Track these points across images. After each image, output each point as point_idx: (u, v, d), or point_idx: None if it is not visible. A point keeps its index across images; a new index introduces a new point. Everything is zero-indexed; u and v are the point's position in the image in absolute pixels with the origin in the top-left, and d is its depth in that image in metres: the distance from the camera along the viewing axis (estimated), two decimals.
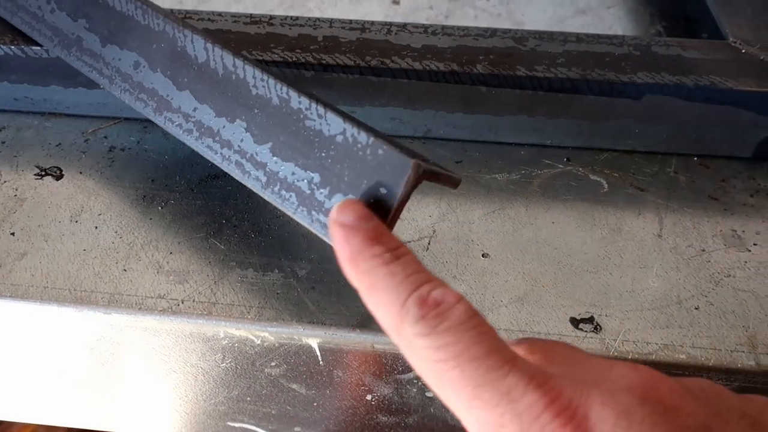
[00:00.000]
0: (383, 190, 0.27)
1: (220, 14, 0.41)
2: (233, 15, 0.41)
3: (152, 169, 0.39)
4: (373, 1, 0.53)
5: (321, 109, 0.29)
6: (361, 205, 0.27)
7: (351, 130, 0.28)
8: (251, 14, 0.41)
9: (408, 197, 0.27)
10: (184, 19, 0.40)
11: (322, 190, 0.29)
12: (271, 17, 0.41)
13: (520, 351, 0.25)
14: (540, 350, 0.26)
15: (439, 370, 0.23)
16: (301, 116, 0.29)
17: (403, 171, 0.27)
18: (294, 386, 0.35)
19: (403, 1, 0.53)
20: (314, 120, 0.29)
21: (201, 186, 0.38)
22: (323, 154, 0.29)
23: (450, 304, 0.24)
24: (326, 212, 0.29)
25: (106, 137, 0.41)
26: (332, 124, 0.29)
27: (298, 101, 0.30)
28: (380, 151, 0.28)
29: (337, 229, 0.26)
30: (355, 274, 0.25)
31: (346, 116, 0.29)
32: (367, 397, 0.35)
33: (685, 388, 0.23)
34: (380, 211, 0.27)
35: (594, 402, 0.22)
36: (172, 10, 0.41)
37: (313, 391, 0.35)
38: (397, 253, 0.25)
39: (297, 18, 0.41)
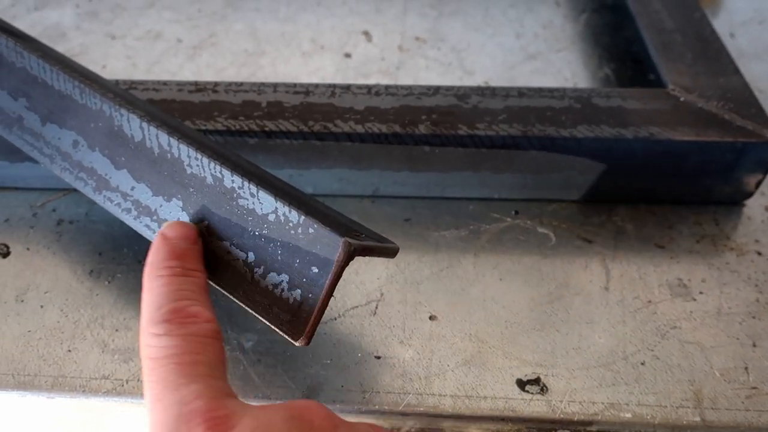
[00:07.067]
0: (315, 269, 0.27)
1: (165, 83, 0.41)
2: (178, 83, 0.41)
3: (100, 241, 0.39)
4: (326, 55, 0.53)
5: (253, 188, 0.29)
6: (192, 229, 0.30)
7: (283, 208, 0.28)
8: (196, 82, 0.41)
9: (339, 276, 0.27)
10: (129, 89, 0.41)
11: (257, 270, 0.29)
12: (216, 84, 0.41)
13: None
14: None
15: (150, 368, 0.25)
16: (235, 195, 0.30)
17: (334, 250, 0.27)
18: None
19: (354, 54, 0.53)
20: (247, 199, 0.29)
21: None
22: (257, 233, 0.29)
23: (200, 319, 0.26)
24: (261, 291, 0.29)
25: (54, 210, 0.41)
26: (264, 203, 0.29)
27: (231, 180, 0.30)
28: (311, 230, 0.28)
29: (157, 238, 0.29)
30: (146, 277, 0.28)
31: (279, 193, 0.29)
32: None
33: (342, 424, 0.25)
34: (312, 291, 0.27)
35: (246, 415, 0.24)
36: (117, 81, 0.41)
37: None
38: (187, 272, 0.28)
39: (242, 84, 0.41)
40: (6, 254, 0.38)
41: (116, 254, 0.38)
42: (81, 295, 0.36)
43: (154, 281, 0.27)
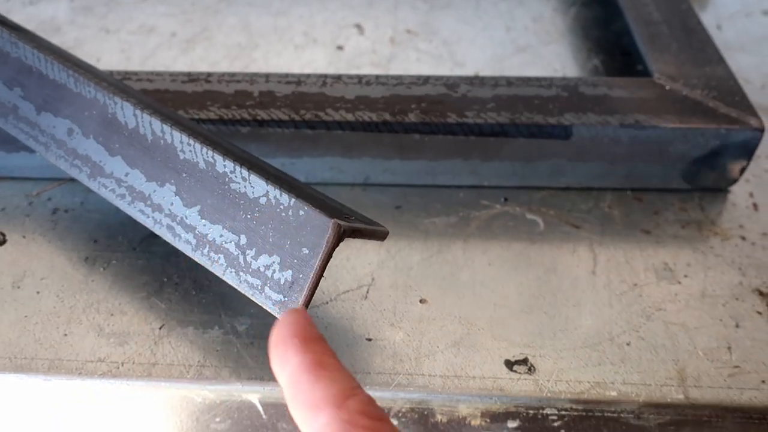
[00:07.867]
0: (305, 251, 0.28)
1: (158, 74, 0.42)
2: (171, 74, 0.42)
3: (95, 229, 0.39)
4: (318, 48, 0.54)
5: (245, 172, 0.30)
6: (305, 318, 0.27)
7: (273, 191, 0.29)
8: (189, 72, 0.42)
9: (329, 257, 0.28)
10: (123, 80, 0.41)
11: (248, 252, 0.29)
12: (209, 74, 0.42)
13: None
14: None
15: None
16: (227, 179, 0.30)
17: (323, 231, 0.28)
18: None
19: (347, 47, 0.54)
20: (239, 183, 0.30)
21: (143, 245, 0.38)
22: (248, 216, 0.30)
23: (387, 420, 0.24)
24: (253, 273, 0.29)
25: (50, 199, 0.41)
26: (256, 187, 0.29)
27: (223, 165, 0.30)
28: (301, 212, 0.28)
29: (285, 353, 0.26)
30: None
31: (270, 178, 0.30)
32: None
33: None
34: (303, 271, 0.28)
35: None
36: (111, 72, 0.42)
37: None
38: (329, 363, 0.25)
39: (234, 74, 0.42)
40: (2, 242, 0.39)
41: (111, 242, 0.39)
42: (77, 281, 0.37)
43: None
